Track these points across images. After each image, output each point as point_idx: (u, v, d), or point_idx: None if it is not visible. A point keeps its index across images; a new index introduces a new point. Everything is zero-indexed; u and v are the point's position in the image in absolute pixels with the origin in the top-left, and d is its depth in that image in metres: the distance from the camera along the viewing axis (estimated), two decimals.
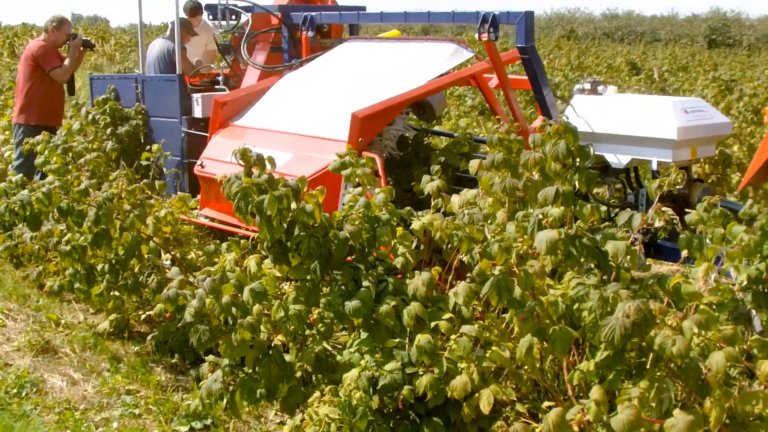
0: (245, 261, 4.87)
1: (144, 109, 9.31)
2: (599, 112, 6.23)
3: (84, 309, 7.18)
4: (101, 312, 6.90)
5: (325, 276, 4.55)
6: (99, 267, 6.10)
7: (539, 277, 3.99)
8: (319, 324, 4.58)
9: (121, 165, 8.84)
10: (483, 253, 4.13)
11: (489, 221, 4.58)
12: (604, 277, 3.97)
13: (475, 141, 7.74)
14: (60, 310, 7.15)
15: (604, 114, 6.20)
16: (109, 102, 9.33)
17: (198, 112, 8.71)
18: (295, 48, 8.78)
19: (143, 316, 6.54)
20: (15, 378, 5.78)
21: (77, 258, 6.07)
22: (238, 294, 4.44)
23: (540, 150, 4.49)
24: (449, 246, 4.69)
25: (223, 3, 8.96)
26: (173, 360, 6.06)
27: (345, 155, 5.26)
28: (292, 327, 4.45)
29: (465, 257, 4.51)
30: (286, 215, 4.46)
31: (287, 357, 4.58)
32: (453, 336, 4.21)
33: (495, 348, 4.20)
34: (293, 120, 7.26)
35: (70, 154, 7.39)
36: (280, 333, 4.69)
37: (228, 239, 5.80)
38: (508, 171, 4.64)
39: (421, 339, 4.17)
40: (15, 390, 5.66)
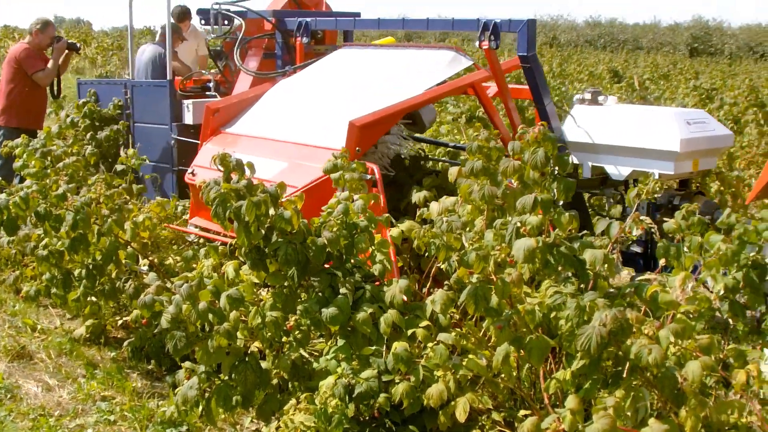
0: (223, 267, 4.86)
1: (122, 109, 9.25)
2: (600, 122, 6.19)
3: (60, 314, 7.12)
4: (78, 317, 6.85)
5: (303, 282, 4.53)
6: (76, 272, 6.05)
7: (516, 286, 3.99)
8: (296, 331, 4.57)
9: (101, 169, 8.78)
10: (460, 261, 4.13)
11: (468, 229, 4.58)
12: (581, 286, 3.97)
13: (455, 148, 7.70)
14: (36, 315, 7.10)
15: (604, 124, 6.17)
16: (88, 105, 9.28)
17: (189, 118, 8.58)
18: (289, 54, 8.63)
19: (120, 321, 6.49)
20: None
21: (54, 263, 6.03)
22: (215, 300, 4.42)
23: (519, 158, 4.49)
24: (426, 254, 4.68)
25: (216, 8, 8.86)
26: (149, 366, 6.02)
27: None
28: (268, 334, 4.43)
29: (443, 265, 4.50)
30: (264, 221, 4.44)
31: (264, 364, 4.57)
32: (430, 344, 4.20)
33: (472, 356, 4.20)
34: (288, 128, 7.08)
35: (48, 157, 7.33)
36: (256, 340, 4.67)
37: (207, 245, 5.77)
38: (487, 179, 4.63)
39: (398, 347, 4.17)
40: None
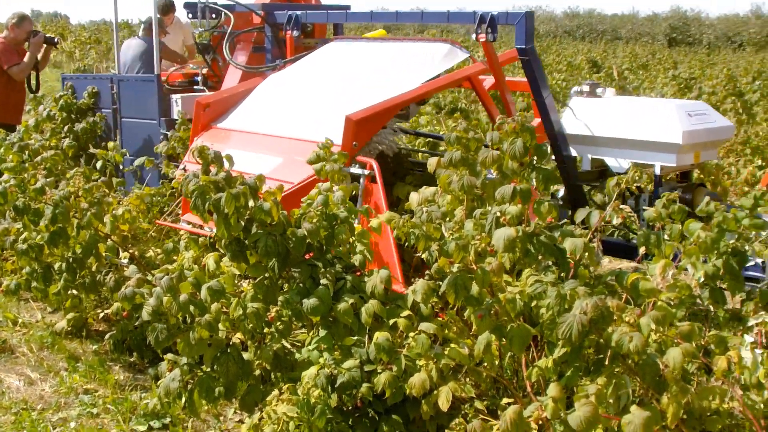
0: (204, 259, 4.85)
1: (97, 97, 9.21)
2: (599, 115, 6.16)
3: (41, 308, 7.11)
4: (59, 311, 6.85)
5: (284, 274, 4.52)
6: (56, 266, 6.05)
7: (497, 275, 4.00)
8: (278, 322, 4.56)
9: (81, 162, 8.73)
10: (441, 251, 4.14)
11: (447, 219, 4.58)
12: (561, 275, 3.98)
13: (435, 138, 7.67)
14: (17, 309, 7.08)
15: (604, 117, 6.13)
16: (64, 97, 9.23)
17: (177, 113, 8.44)
18: (279, 48, 8.51)
19: (101, 314, 6.47)
20: None
21: (34, 257, 6.02)
22: (196, 292, 4.41)
23: (498, 148, 4.49)
24: (406, 244, 4.68)
25: (203, 1, 8.72)
26: (132, 359, 6.02)
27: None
28: (250, 325, 4.42)
29: (423, 255, 4.50)
30: (243, 213, 4.43)
31: (246, 355, 4.56)
32: (411, 333, 4.20)
33: (453, 345, 4.21)
34: (281, 123, 6.95)
35: (26, 151, 7.29)
36: (238, 331, 4.66)
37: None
38: (466, 169, 4.63)
39: (380, 336, 4.17)
40: None
